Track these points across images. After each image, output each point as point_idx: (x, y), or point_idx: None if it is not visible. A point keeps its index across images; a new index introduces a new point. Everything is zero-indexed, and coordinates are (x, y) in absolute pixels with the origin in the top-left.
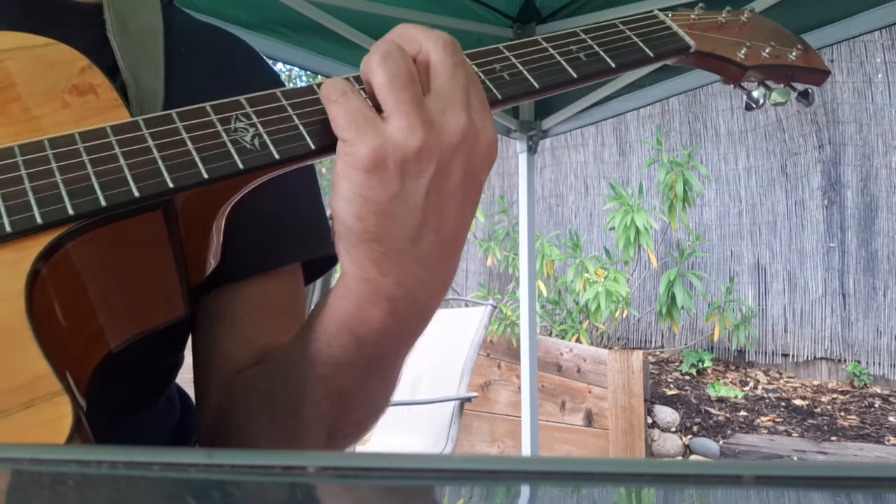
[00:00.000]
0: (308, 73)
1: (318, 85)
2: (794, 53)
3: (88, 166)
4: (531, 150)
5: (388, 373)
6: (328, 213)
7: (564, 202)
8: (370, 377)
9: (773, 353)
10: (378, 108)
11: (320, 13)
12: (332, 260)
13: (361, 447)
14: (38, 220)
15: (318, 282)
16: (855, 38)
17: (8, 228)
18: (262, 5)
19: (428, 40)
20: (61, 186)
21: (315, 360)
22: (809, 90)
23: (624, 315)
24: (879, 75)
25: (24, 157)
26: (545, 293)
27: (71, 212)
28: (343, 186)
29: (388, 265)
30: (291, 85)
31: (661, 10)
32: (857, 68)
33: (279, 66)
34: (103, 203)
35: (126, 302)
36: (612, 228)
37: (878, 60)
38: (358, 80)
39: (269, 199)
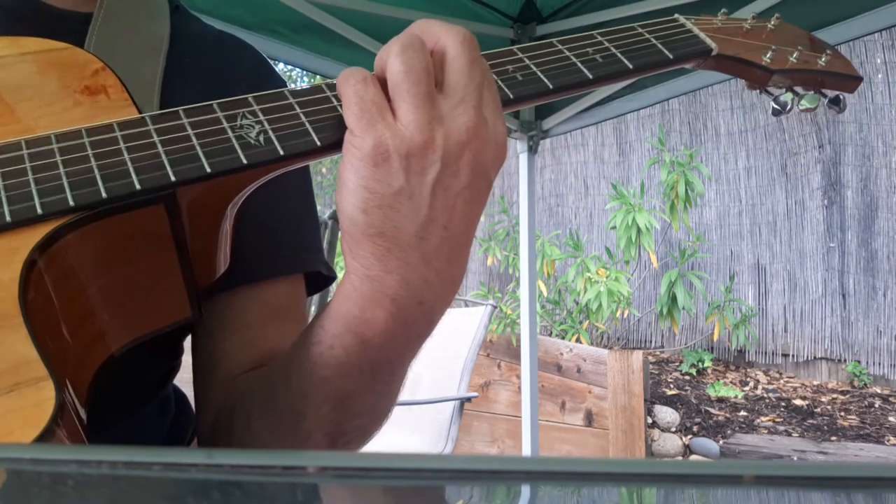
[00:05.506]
0: (308, 73)
1: (327, 84)
2: (823, 59)
3: (92, 159)
4: (531, 150)
5: (392, 377)
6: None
7: (564, 202)
8: (374, 381)
9: (773, 353)
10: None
11: (320, 13)
12: (327, 279)
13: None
14: (39, 211)
15: (316, 297)
16: (855, 39)
17: (8, 218)
18: (263, 5)
19: (447, 35)
20: (63, 178)
21: (317, 363)
22: (841, 96)
23: (624, 315)
24: (879, 75)
25: (30, 150)
26: (545, 293)
27: (71, 203)
28: (348, 178)
29: (392, 262)
30: (292, 85)
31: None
32: (857, 68)
33: (280, 67)
34: (104, 195)
35: (128, 301)
36: (614, 228)
37: (878, 60)
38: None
39: (270, 207)
